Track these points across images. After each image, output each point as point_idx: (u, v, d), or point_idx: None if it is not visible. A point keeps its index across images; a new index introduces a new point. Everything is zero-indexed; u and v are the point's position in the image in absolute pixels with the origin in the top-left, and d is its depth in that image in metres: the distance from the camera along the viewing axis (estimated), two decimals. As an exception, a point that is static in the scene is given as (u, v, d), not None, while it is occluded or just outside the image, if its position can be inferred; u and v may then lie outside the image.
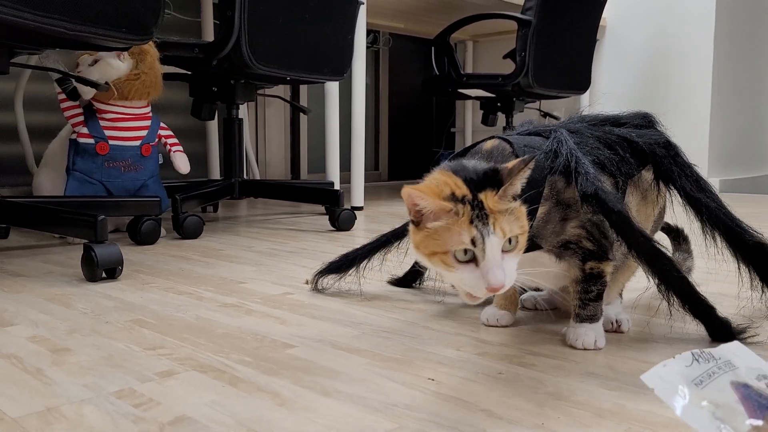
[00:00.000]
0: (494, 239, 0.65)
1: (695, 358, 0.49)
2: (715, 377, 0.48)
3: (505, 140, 0.78)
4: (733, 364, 0.50)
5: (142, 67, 1.61)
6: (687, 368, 0.48)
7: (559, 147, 0.77)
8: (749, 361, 0.50)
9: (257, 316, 0.95)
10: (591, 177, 0.74)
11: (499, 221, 0.65)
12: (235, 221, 2.06)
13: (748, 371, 0.49)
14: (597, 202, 0.74)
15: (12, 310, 0.97)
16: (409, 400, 0.64)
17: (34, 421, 0.59)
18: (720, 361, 0.50)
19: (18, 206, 1.32)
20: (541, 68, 2.52)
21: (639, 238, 0.74)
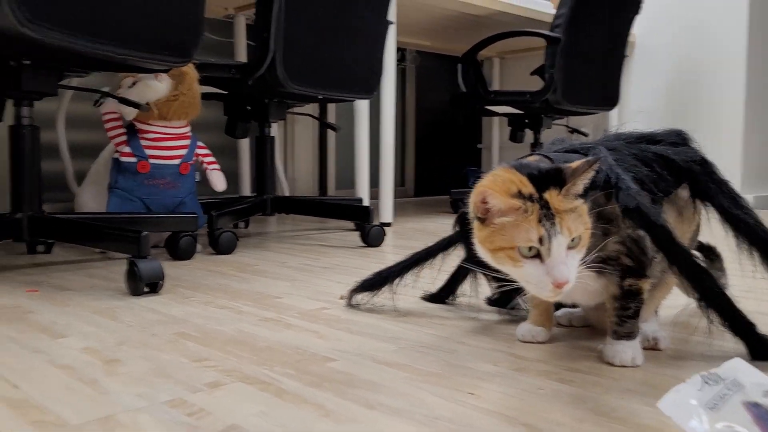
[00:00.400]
0: (561, 239, 0.68)
1: (705, 381, 0.51)
2: (727, 399, 0.49)
3: (546, 157, 0.80)
4: (739, 382, 0.51)
5: (181, 88, 1.65)
6: (699, 392, 0.50)
7: None
8: (753, 377, 0.52)
9: (296, 330, 0.97)
10: (633, 192, 0.75)
11: (565, 220, 0.69)
12: (266, 237, 2.10)
13: (753, 388, 0.51)
14: (639, 217, 0.75)
15: (62, 323, 1.01)
16: (451, 413, 0.66)
17: (94, 428, 0.62)
18: (727, 382, 0.51)
19: (64, 222, 1.37)
20: (569, 85, 2.53)
21: (680, 253, 0.75)
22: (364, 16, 1.89)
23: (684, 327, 1.00)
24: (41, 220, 1.37)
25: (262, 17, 1.64)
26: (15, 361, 0.82)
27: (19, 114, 1.37)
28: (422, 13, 2.74)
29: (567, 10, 2.43)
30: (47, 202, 2.28)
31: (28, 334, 0.94)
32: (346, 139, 3.42)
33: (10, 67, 1.28)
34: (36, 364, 0.81)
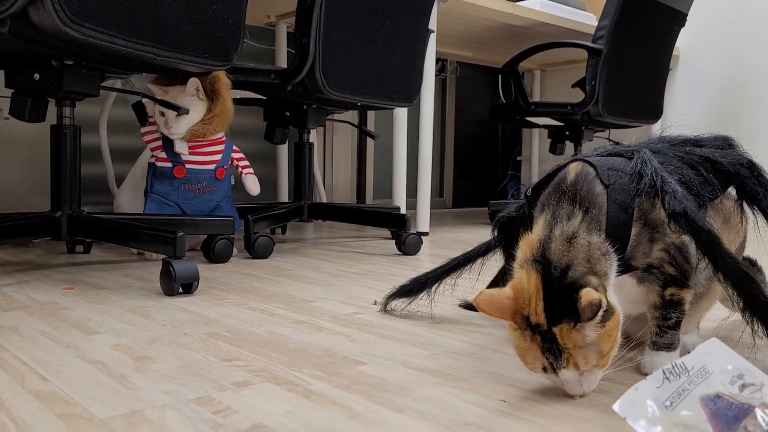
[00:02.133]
0: (567, 373, 0.66)
1: (666, 377, 0.48)
2: (686, 394, 0.47)
3: (589, 163, 0.77)
4: (706, 369, 0.48)
5: (215, 109, 1.64)
6: (658, 389, 0.47)
7: (643, 167, 0.75)
8: (724, 361, 0.49)
9: (327, 334, 0.96)
10: (679, 195, 0.72)
11: (574, 356, 0.65)
12: (303, 243, 2.10)
13: (722, 374, 0.48)
14: (686, 221, 0.71)
15: (96, 320, 1.02)
16: (481, 419, 0.64)
17: (119, 423, 0.62)
18: (692, 372, 0.48)
19: (103, 222, 1.38)
20: (611, 97, 2.49)
21: (727, 260, 0.72)
22: (404, 23, 1.88)
23: (724, 340, 0.95)
24: (80, 219, 1.40)
25: (303, 23, 1.65)
26: (46, 355, 0.83)
27: (60, 114, 1.39)
28: (463, 24, 2.73)
29: (610, 22, 2.39)
30: (88, 204, 2.33)
31: (61, 330, 0.95)
32: (385, 148, 3.42)
33: (52, 66, 1.31)
34: (67, 358, 0.82)
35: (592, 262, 0.68)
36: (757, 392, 0.46)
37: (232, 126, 1.76)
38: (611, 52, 2.41)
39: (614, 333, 0.66)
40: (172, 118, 1.59)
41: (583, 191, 0.74)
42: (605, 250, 0.70)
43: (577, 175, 0.76)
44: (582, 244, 0.69)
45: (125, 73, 1.46)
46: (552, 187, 0.77)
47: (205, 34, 1.33)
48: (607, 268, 0.69)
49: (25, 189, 2.23)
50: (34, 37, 1.14)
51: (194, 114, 1.62)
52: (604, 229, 0.71)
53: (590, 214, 0.72)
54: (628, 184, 0.75)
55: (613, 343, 0.66)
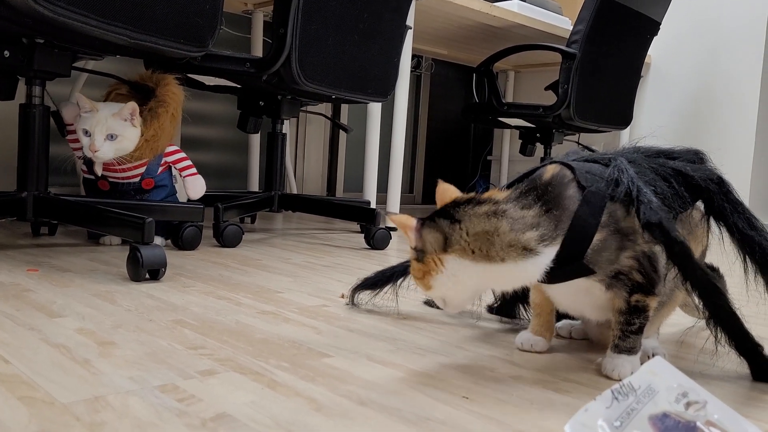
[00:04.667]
0: None
1: (614, 396, 0.50)
2: (635, 414, 0.48)
3: (568, 166, 0.79)
4: (652, 388, 0.50)
5: (146, 133, 1.53)
6: (607, 409, 0.49)
7: (620, 175, 0.77)
8: (669, 379, 0.50)
9: (294, 325, 0.97)
10: (654, 206, 0.74)
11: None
12: (272, 233, 2.09)
13: (668, 392, 0.50)
14: (660, 232, 0.74)
15: (60, 303, 1.00)
16: (443, 415, 0.65)
17: (82, 408, 0.61)
18: (639, 391, 0.50)
19: (70, 204, 1.36)
20: (583, 101, 2.52)
21: (697, 271, 0.74)
22: (382, 18, 1.89)
23: (688, 346, 0.99)
24: (46, 200, 1.37)
25: (280, 13, 1.64)
26: (9, 337, 0.82)
27: (30, 93, 1.37)
28: (440, 22, 2.74)
29: (584, 27, 2.42)
30: (55, 186, 2.29)
31: (25, 312, 0.94)
32: (357, 141, 3.42)
33: (22, 44, 1.28)
34: (30, 341, 0.81)
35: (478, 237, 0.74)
36: (702, 410, 0.47)
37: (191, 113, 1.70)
38: (585, 57, 2.45)
39: (419, 275, 0.79)
40: (100, 141, 1.46)
41: (553, 192, 0.76)
42: (515, 243, 0.74)
43: (553, 176, 0.78)
44: (492, 222, 0.74)
45: (98, 54, 1.43)
46: (527, 180, 0.80)
47: (182, 18, 1.32)
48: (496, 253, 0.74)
49: (-11, 167, 2.18)
50: (3, 14, 1.12)
51: (125, 142, 1.49)
52: (561, 231, 0.74)
53: (549, 215, 0.75)
54: (604, 189, 0.76)
55: (419, 281, 0.79)
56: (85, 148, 1.48)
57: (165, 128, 1.55)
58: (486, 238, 0.74)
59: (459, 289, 0.77)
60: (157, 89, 1.56)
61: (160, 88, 1.56)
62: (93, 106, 1.47)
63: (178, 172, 1.70)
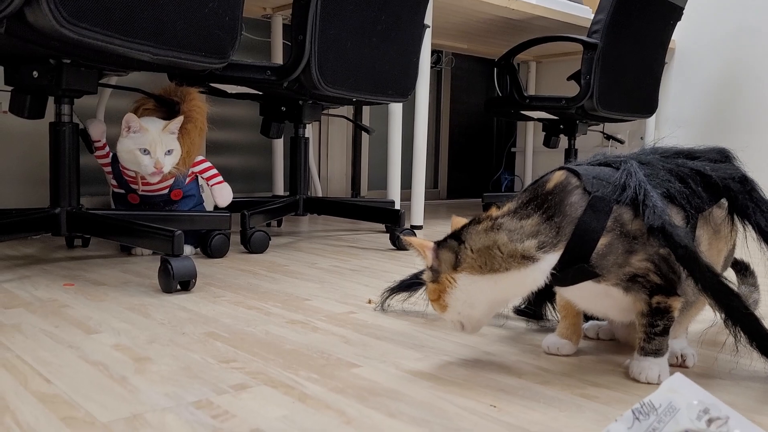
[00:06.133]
0: None
1: (636, 417, 0.50)
2: None
3: (574, 172, 0.80)
4: (673, 406, 0.50)
5: (186, 144, 1.58)
6: (629, 430, 0.49)
7: (628, 179, 0.78)
8: (690, 396, 0.50)
9: (323, 334, 0.98)
10: (658, 210, 0.75)
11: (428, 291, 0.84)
12: (298, 237, 2.12)
13: (689, 410, 0.49)
14: (663, 236, 0.74)
15: (96, 318, 1.03)
16: (471, 425, 0.66)
17: (121, 427, 0.64)
18: (661, 410, 0.50)
19: (102, 218, 1.40)
20: (606, 91, 2.50)
21: (706, 273, 0.74)
22: (400, 19, 1.89)
23: (711, 344, 0.98)
24: (79, 215, 1.41)
25: (299, 20, 1.66)
26: (49, 356, 0.84)
27: (59, 111, 1.40)
28: (459, 16, 2.74)
29: (605, 16, 2.40)
30: (86, 196, 2.34)
31: (63, 329, 0.97)
32: (380, 140, 3.43)
33: (50, 65, 1.31)
34: (69, 359, 0.83)
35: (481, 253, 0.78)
36: (723, 426, 0.47)
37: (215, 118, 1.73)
38: (607, 47, 2.42)
39: (433, 296, 0.83)
40: (162, 158, 1.51)
41: (554, 200, 0.77)
42: (515, 253, 0.77)
43: (556, 185, 0.79)
44: (491, 236, 0.79)
45: (123, 70, 1.46)
46: (530, 187, 0.82)
47: (202, 32, 1.34)
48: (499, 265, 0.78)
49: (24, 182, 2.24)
50: (30, 37, 1.15)
51: (177, 156, 1.56)
52: (564, 237, 0.76)
53: (550, 222, 0.77)
54: (610, 194, 0.77)
55: (434, 302, 0.83)
56: (147, 167, 1.51)
57: (195, 142, 1.60)
58: (488, 252, 0.78)
59: (473, 305, 0.81)
60: (183, 105, 1.59)
61: (185, 104, 1.59)
62: (141, 126, 1.51)
63: (205, 181, 1.73)
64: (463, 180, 4.14)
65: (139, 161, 1.50)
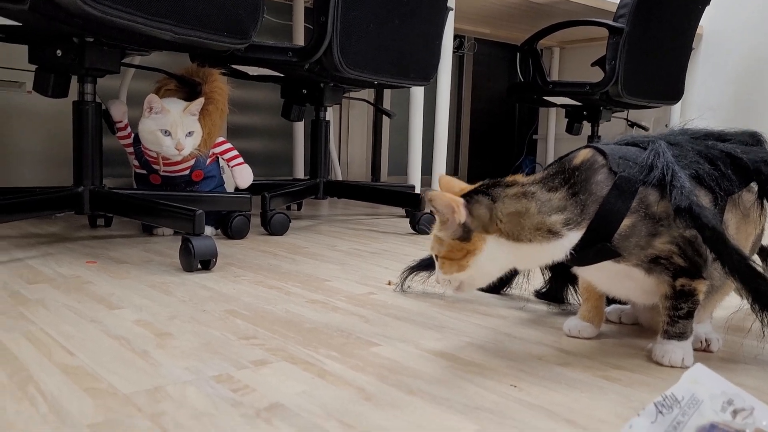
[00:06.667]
0: None
1: (659, 410, 0.48)
2: (681, 427, 0.47)
3: (600, 151, 0.78)
4: (696, 398, 0.48)
5: (207, 126, 1.58)
6: (653, 424, 0.47)
7: (655, 160, 0.76)
8: (712, 386, 0.49)
9: (342, 314, 0.98)
10: (686, 191, 0.73)
11: (433, 239, 0.81)
12: (318, 219, 2.12)
13: (712, 401, 0.48)
14: (691, 217, 0.73)
15: (118, 295, 1.04)
16: (491, 404, 0.66)
17: (143, 398, 0.64)
18: (684, 402, 0.48)
19: (124, 198, 1.41)
20: (631, 77, 2.46)
21: (734, 256, 0.72)
22: (422, 2, 1.87)
23: (737, 329, 0.96)
24: (101, 194, 1.42)
25: (321, 1, 1.64)
26: (72, 330, 0.85)
27: (82, 90, 1.41)
28: (482, 0, 2.70)
29: (632, 0, 2.35)
30: (109, 177, 2.36)
31: (86, 304, 0.98)
32: (401, 125, 3.42)
33: (73, 43, 1.32)
34: (92, 333, 0.84)
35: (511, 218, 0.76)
36: (749, 417, 0.46)
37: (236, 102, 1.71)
38: (633, 31, 2.38)
39: (455, 255, 0.78)
40: (183, 140, 1.52)
41: (581, 177, 0.76)
42: (542, 226, 0.75)
43: (583, 162, 0.78)
44: (522, 203, 0.76)
45: (145, 49, 1.47)
46: (556, 163, 0.81)
47: (224, 12, 1.33)
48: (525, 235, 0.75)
49: (48, 162, 2.26)
50: (54, 15, 1.15)
51: (198, 137, 1.56)
52: (587, 215, 0.75)
53: (575, 199, 0.76)
54: (636, 174, 0.76)
55: (447, 259, 0.78)
56: (168, 148, 1.52)
57: (216, 123, 1.60)
58: (517, 219, 0.76)
59: (489, 271, 0.79)
60: (205, 86, 1.59)
61: (207, 85, 1.59)
62: (163, 107, 1.51)
63: (225, 162, 1.73)
64: (483, 166, 4.11)
65: (160, 142, 1.51)
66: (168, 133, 1.51)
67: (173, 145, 1.51)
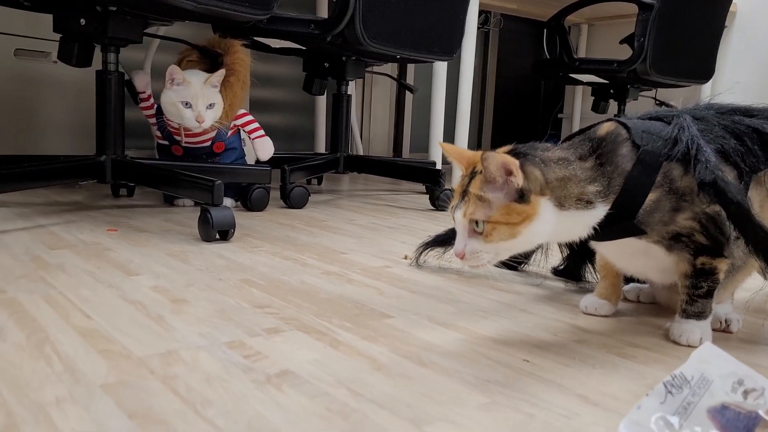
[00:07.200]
0: (458, 213, 0.72)
1: (668, 390, 0.47)
2: (692, 408, 0.46)
3: (623, 125, 0.76)
4: (706, 378, 0.47)
5: (225, 103, 1.58)
6: (662, 405, 0.46)
7: (680, 134, 0.74)
8: (722, 366, 0.48)
9: (357, 286, 0.98)
10: (711, 165, 0.71)
11: (469, 202, 0.71)
12: (338, 195, 2.12)
13: (722, 381, 0.47)
14: (715, 192, 0.71)
15: (137, 262, 1.05)
16: (502, 377, 0.65)
17: (156, 361, 0.65)
18: (693, 382, 0.47)
19: (145, 167, 1.42)
20: (660, 54, 2.41)
21: (758, 232, 0.71)
22: (447, -26, 1.84)
23: (758, 311, 0.95)
24: (123, 163, 1.43)
25: (344, -28, 1.62)
26: (90, 294, 0.86)
27: (105, 60, 1.41)
28: (509, -25, 2.66)
29: (664, -25, 2.29)
30: (132, 149, 2.38)
31: (105, 270, 0.99)
32: (423, 101, 3.39)
33: (96, 12, 1.32)
34: (109, 298, 0.85)
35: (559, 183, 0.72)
36: (761, 397, 0.45)
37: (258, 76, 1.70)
38: (663, 8, 2.32)
39: (513, 219, 0.69)
40: (204, 111, 1.51)
41: (606, 149, 0.74)
42: (582, 195, 0.72)
43: (608, 133, 0.76)
44: (568, 169, 0.73)
45: (167, 19, 1.46)
46: (582, 134, 0.79)
47: (247, -18, 1.32)
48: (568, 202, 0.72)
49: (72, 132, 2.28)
50: (79, -18, 1.15)
51: (219, 109, 1.56)
52: (613, 189, 0.73)
53: (603, 170, 0.73)
54: (660, 148, 0.74)
55: (502, 224, 0.69)
56: (189, 120, 1.52)
57: (238, 95, 1.60)
58: (564, 185, 0.72)
59: (535, 238, 0.72)
60: (226, 57, 1.59)
61: (229, 56, 1.59)
62: (184, 78, 1.51)
63: (246, 134, 1.73)
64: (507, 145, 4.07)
65: (181, 114, 1.51)
66: (189, 104, 1.51)
67: (194, 117, 1.51)
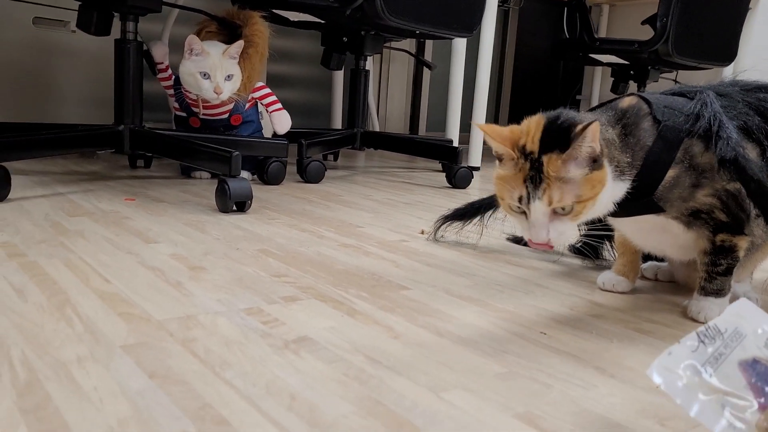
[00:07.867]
0: (539, 204, 0.65)
1: (701, 340, 0.46)
2: (723, 359, 0.45)
3: (645, 99, 0.75)
4: (740, 332, 0.46)
5: (247, 69, 1.57)
6: (693, 353, 0.45)
7: (702, 109, 0.73)
8: (757, 322, 0.47)
9: (374, 258, 0.98)
10: (732, 142, 0.70)
11: (551, 188, 0.65)
12: (354, 171, 2.12)
13: (755, 337, 0.46)
14: (736, 169, 0.70)
15: (155, 230, 1.06)
16: (519, 348, 0.65)
17: (175, 325, 0.65)
18: (727, 335, 0.46)
19: (163, 138, 1.42)
20: (683, 36, 2.37)
21: None
22: (469, -51, 1.82)
23: (781, 293, 0.94)
24: (141, 133, 1.44)
25: (365, -55, 1.61)
26: (109, 259, 0.87)
27: (124, 29, 1.41)
28: (531, -49, 2.62)
29: (689, -47, 2.25)
30: (150, 121, 2.38)
31: (123, 237, 1.00)
32: (441, 79, 3.36)
33: (118, -19, 1.32)
34: (128, 263, 0.86)
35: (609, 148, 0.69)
36: None
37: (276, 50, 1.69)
38: (687, -12, 2.28)
39: (597, 189, 0.66)
40: (222, 83, 1.51)
41: (629, 120, 0.73)
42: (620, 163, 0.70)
43: (630, 106, 0.75)
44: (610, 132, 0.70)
45: (187, -11, 1.46)
46: (603, 106, 0.77)
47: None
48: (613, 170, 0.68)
49: (91, 102, 2.29)
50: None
51: (237, 81, 1.55)
52: (635, 164, 0.71)
53: (626, 141, 0.72)
54: (682, 124, 0.73)
55: (591, 199, 0.66)
56: (207, 91, 1.52)
57: (256, 67, 1.59)
58: (612, 151, 0.69)
59: (599, 207, 0.69)
60: (245, 29, 1.58)
61: (247, 28, 1.58)
62: (203, 49, 1.50)
63: (264, 108, 1.73)
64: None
65: (199, 85, 1.51)
66: (207, 75, 1.51)
67: (212, 88, 1.51)
